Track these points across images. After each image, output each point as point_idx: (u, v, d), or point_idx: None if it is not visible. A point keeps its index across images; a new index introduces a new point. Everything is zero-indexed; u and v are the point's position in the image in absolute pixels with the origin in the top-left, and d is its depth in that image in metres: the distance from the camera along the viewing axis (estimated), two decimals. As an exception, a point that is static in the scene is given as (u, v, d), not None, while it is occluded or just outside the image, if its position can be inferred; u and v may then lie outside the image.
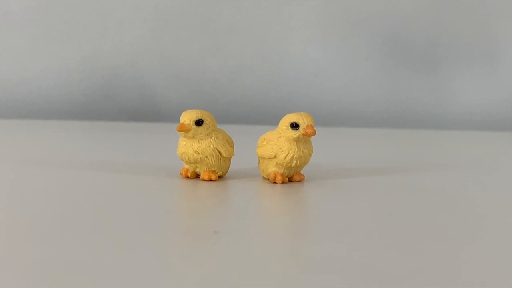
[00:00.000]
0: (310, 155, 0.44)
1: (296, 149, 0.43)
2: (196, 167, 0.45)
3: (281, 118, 0.43)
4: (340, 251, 0.29)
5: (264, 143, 0.44)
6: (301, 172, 0.45)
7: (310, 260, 0.28)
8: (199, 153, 0.44)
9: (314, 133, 0.42)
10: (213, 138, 0.44)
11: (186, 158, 0.44)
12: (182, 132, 0.43)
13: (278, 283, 0.25)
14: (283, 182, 0.44)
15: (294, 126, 0.42)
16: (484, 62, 0.90)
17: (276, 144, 0.43)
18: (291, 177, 0.45)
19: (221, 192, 0.42)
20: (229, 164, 0.46)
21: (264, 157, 0.44)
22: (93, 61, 0.93)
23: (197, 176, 0.45)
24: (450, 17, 0.90)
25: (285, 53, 0.92)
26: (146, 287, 0.24)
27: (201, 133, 0.43)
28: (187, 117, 0.43)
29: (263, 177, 0.45)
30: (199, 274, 0.26)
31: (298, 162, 0.43)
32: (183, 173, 0.45)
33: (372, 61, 0.91)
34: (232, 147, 0.45)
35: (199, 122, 0.43)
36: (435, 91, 0.91)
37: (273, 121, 0.50)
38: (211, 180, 0.44)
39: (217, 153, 0.44)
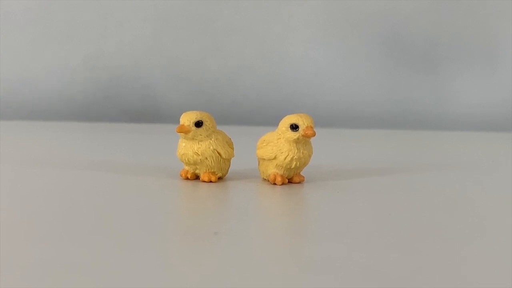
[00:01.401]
0: (309, 156, 0.44)
1: (296, 151, 0.43)
2: (196, 168, 0.45)
3: (281, 119, 0.43)
4: (340, 252, 0.29)
5: (264, 144, 0.44)
6: (301, 173, 0.45)
7: (310, 260, 0.28)
8: (198, 154, 0.44)
9: (313, 134, 0.42)
10: (212, 139, 0.44)
11: (186, 159, 0.44)
12: (181, 134, 0.43)
13: (278, 284, 0.25)
14: (283, 184, 0.44)
15: (294, 127, 0.42)
16: (484, 62, 0.90)
17: (276, 146, 0.43)
18: (291, 179, 0.45)
19: (221, 193, 0.42)
20: (229, 166, 0.46)
21: (264, 159, 0.44)
22: (94, 62, 0.93)
23: (197, 177, 0.45)
24: (450, 17, 0.90)
25: (285, 53, 0.92)
26: (146, 287, 0.24)
27: (200, 135, 0.43)
28: (187, 119, 0.43)
29: (263, 178, 0.45)
30: (199, 274, 0.26)
31: (298, 163, 0.43)
32: (183, 175, 0.45)
33: (372, 61, 0.91)
34: (232, 148, 0.45)
35: (198, 124, 0.43)
36: (435, 91, 0.91)
37: (273, 122, 0.50)
38: (211, 181, 0.44)
39: (217, 154, 0.44)
